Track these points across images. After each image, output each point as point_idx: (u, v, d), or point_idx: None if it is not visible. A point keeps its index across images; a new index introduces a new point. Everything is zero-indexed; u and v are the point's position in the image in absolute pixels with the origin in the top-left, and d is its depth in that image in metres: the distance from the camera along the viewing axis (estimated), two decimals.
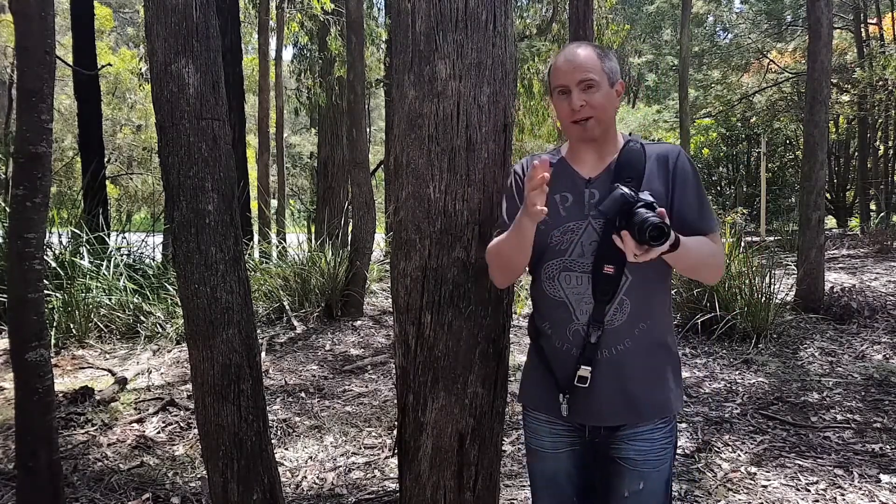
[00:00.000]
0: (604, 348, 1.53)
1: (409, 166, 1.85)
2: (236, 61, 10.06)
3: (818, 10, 6.14)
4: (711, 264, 1.56)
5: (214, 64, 2.12)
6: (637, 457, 1.56)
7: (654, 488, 1.58)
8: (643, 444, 1.56)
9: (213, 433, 2.15)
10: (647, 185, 1.53)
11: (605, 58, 1.57)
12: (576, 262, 1.55)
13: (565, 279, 1.57)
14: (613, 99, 1.58)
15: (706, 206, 1.58)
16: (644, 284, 1.54)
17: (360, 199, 6.92)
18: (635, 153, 1.56)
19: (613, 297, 1.52)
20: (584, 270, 1.54)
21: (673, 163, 1.56)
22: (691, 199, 1.56)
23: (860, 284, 7.04)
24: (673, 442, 1.62)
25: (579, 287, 1.55)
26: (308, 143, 29.64)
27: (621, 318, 1.53)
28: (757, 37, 18.13)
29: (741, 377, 4.49)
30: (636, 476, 1.57)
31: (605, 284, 1.52)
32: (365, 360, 5.26)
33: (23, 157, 2.26)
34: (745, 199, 18.09)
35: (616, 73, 1.59)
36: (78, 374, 4.82)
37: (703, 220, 1.56)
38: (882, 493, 2.81)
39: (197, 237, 2.08)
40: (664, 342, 1.60)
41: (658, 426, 1.57)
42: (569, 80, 1.54)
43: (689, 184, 1.56)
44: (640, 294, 1.54)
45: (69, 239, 7.03)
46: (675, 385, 1.61)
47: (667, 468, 1.60)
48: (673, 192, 1.55)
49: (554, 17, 13.16)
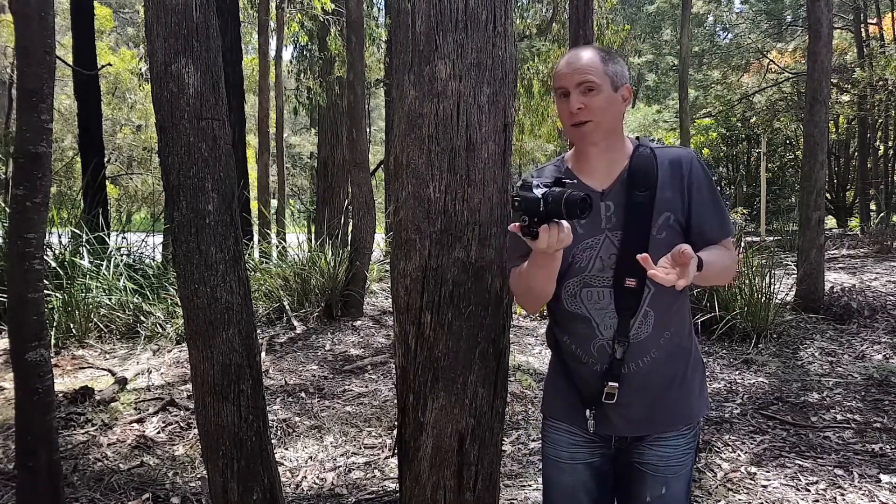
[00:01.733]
0: (629, 362, 1.51)
1: (409, 166, 1.85)
2: (236, 61, 10.06)
3: (818, 10, 6.15)
4: (726, 277, 1.55)
5: (214, 64, 2.11)
6: (659, 463, 1.55)
7: (676, 493, 1.57)
8: (666, 451, 1.55)
9: (213, 433, 2.15)
10: (661, 193, 1.49)
11: (610, 61, 1.53)
12: (596, 278, 1.52)
13: (587, 295, 1.53)
14: (617, 103, 1.53)
15: (723, 211, 1.55)
16: (666, 292, 1.47)
17: (360, 199, 6.92)
18: (646, 160, 1.52)
19: (637, 310, 1.49)
20: (605, 285, 1.51)
21: (687, 169, 1.52)
22: (709, 207, 1.52)
23: (860, 284, 7.04)
24: (695, 447, 1.61)
25: (601, 302, 1.51)
26: (308, 143, 29.63)
27: (646, 331, 1.50)
28: (757, 37, 18.14)
29: (741, 377, 4.49)
30: (659, 481, 1.56)
31: (628, 298, 1.49)
32: (365, 360, 5.26)
33: (23, 157, 2.26)
34: (745, 199, 18.10)
35: (621, 77, 1.54)
36: (78, 374, 4.82)
37: (722, 228, 1.54)
38: (882, 493, 2.81)
39: (197, 237, 2.08)
40: (688, 348, 1.58)
41: (682, 433, 1.56)
42: (568, 82, 1.51)
43: (705, 190, 1.52)
44: (663, 303, 1.50)
45: (69, 239, 7.03)
46: (700, 390, 1.60)
47: (688, 472, 1.59)
48: (690, 201, 1.51)
49: (554, 17, 13.16)
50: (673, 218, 1.50)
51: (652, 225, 1.49)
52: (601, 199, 1.53)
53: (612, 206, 1.52)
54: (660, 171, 1.51)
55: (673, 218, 1.50)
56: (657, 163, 1.52)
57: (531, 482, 3.03)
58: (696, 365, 1.60)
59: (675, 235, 1.50)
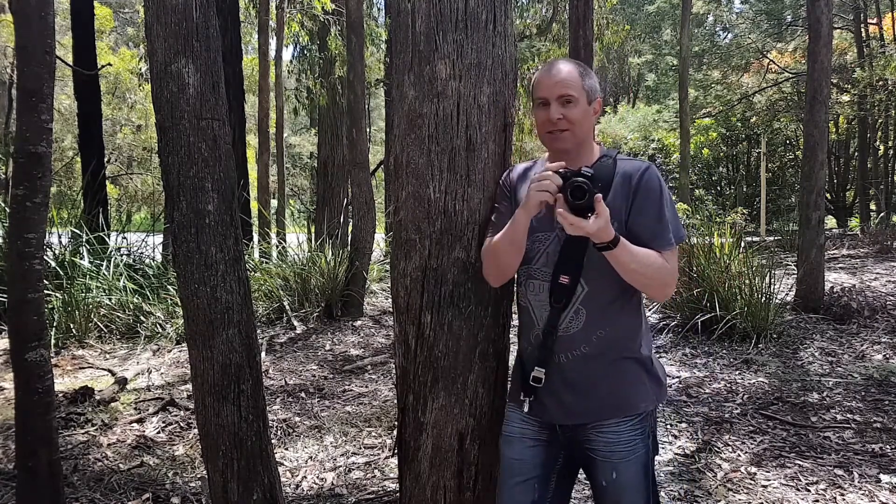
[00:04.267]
0: (559, 353, 1.63)
1: (409, 166, 1.85)
2: (236, 61, 10.06)
3: (818, 10, 6.15)
4: (655, 278, 1.58)
5: (214, 64, 2.12)
6: (605, 449, 1.64)
7: (630, 479, 1.64)
8: (609, 437, 1.63)
9: (213, 433, 2.15)
10: (611, 200, 1.57)
11: (586, 76, 1.67)
12: (539, 271, 1.65)
13: (530, 286, 1.68)
14: (590, 116, 1.67)
15: (665, 223, 1.60)
16: (601, 294, 1.61)
17: (360, 199, 6.92)
18: (606, 168, 1.63)
19: (568, 305, 1.61)
20: (545, 279, 1.64)
21: (637, 179, 1.61)
22: (648, 215, 1.60)
23: (860, 284, 7.04)
24: (644, 435, 1.66)
25: (540, 294, 1.65)
26: (308, 143, 29.63)
27: (577, 326, 1.62)
28: (757, 37, 18.12)
29: (741, 377, 4.49)
30: (608, 466, 1.64)
31: (560, 293, 1.61)
32: (365, 360, 5.26)
33: (23, 157, 2.26)
34: (745, 199, 18.08)
35: (595, 91, 1.68)
36: (78, 374, 4.82)
37: (657, 237, 1.59)
38: (882, 493, 2.81)
39: (197, 237, 2.08)
40: (628, 346, 1.65)
41: (623, 420, 1.63)
42: (549, 93, 1.64)
43: (650, 200, 1.60)
44: (596, 303, 1.61)
45: (69, 239, 7.03)
46: (642, 384, 1.66)
47: (639, 459, 1.65)
48: (630, 208, 1.60)
49: (554, 17, 13.17)
50: (617, 225, 1.56)
51: None
52: None
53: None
54: (615, 179, 1.62)
55: (617, 225, 1.56)
56: (615, 171, 1.63)
57: None
58: (639, 363, 1.67)
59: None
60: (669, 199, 1.63)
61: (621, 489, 1.64)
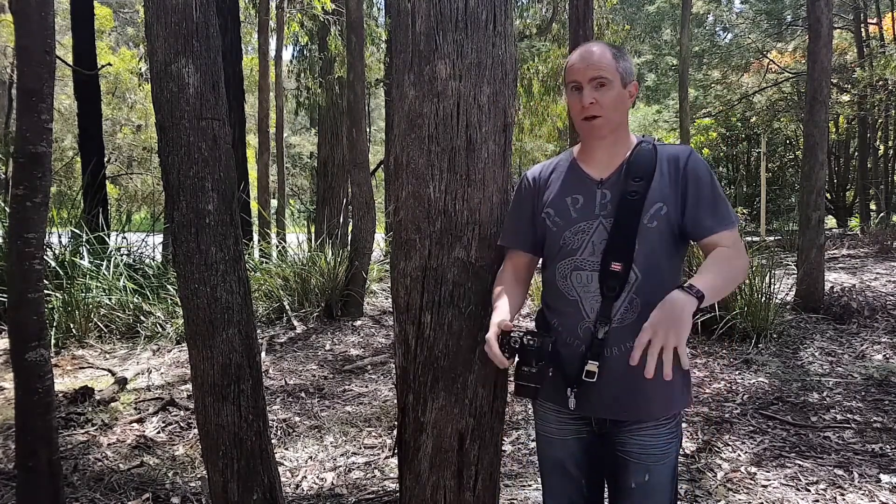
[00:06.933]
0: (612, 345, 1.55)
1: (409, 166, 1.85)
2: (236, 61, 10.07)
3: (818, 10, 6.14)
4: (741, 276, 1.59)
5: (214, 64, 2.11)
6: (640, 451, 1.59)
7: (660, 481, 1.61)
8: (646, 439, 1.59)
9: (213, 433, 2.15)
10: (658, 187, 1.55)
11: (621, 58, 1.59)
12: (586, 261, 1.58)
13: (576, 278, 1.59)
14: (625, 99, 1.60)
15: (722, 202, 1.58)
16: (654, 281, 1.53)
17: (360, 199, 6.92)
18: (646, 153, 1.59)
19: (621, 294, 1.54)
20: (593, 269, 1.57)
21: (683, 163, 1.57)
22: (705, 201, 1.56)
23: (860, 284, 7.04)
24: (677, 438, 1.64)
25: (589, 285, 1.57)
26: (308, 143, 29.64)
27: (632, 317, 1.53)
28: (757, 37, 18.11)
29: (741, 377, 4.49)
30: (641, 469, 1.60)
31: (612, 280, 1.53)
32: (365, 360, 5.26)
33: (23, 157, 2.25)
34: (746, 199, 18.09)
35: (630, 73, 1.61)
36: (78, 374, 4.82)
37: (719, 218, 1.56)
38: (882, 493, 2.81)
39: (197, 237, 2.08)
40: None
41: (662, 423, 1.59)
42: (581, 76, 1.57)
43: (703, 184, 1.56)
44: (650, 292, 1.52)
45: (69, 239, 7.03)
46: (682, 384, 1.61)
47: (670, 462, 1.62)
48: (686, 194, 1.56)
49: (554, 17, 13.17)
50: (665, 209, 1.55)
51: (643, 214, 1.54)
52: (598, 186, 1.61)
53: (608, 194, 1.59)
54: (658, 165, 1.57)
55: (665, 209, 1.55)
56: (657, 156, 1.58)
57: (531, 482, 3.03)
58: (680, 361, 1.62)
59: (667, 226, 1.56)
60: (716, 180, 1.61)
61: (651, 491, 1.60)
